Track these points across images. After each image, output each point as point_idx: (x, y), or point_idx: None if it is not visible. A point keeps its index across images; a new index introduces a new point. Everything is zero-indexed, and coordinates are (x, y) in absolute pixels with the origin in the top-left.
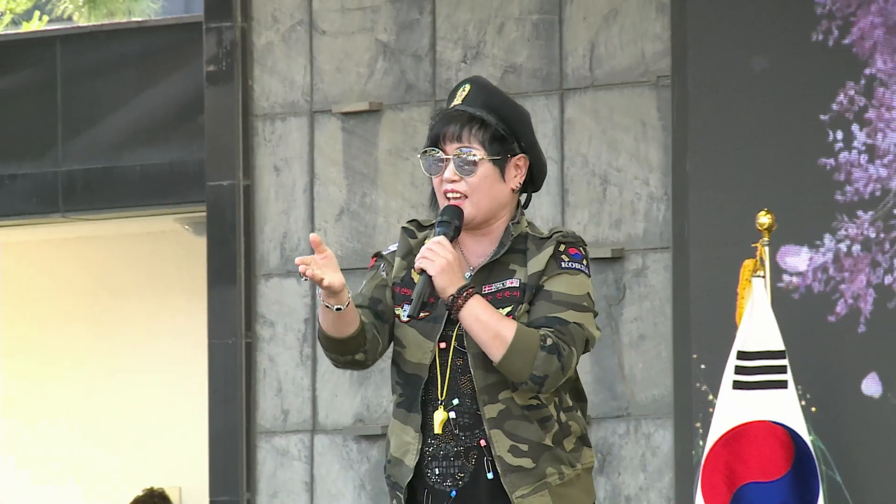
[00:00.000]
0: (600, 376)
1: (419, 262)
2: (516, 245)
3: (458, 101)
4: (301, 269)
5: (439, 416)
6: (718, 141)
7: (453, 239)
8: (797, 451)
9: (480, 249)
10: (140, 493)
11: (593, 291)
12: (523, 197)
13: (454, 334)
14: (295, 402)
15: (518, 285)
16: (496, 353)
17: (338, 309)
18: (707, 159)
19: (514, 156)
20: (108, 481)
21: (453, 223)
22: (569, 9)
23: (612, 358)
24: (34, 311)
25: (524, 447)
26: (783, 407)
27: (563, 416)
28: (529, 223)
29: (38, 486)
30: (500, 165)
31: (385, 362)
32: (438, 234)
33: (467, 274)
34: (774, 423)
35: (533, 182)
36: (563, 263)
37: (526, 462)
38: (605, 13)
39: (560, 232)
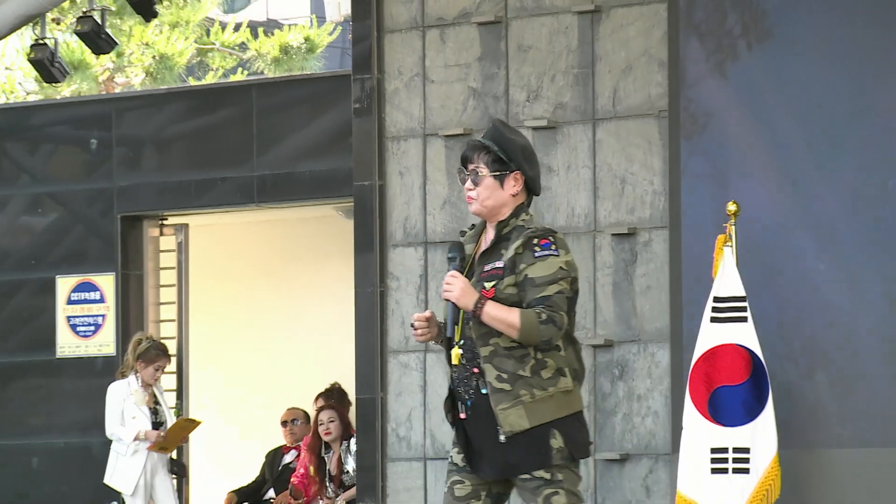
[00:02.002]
0: (619, 314)
1: (444, 294)
2: (508, 235)
3: (480, 136)
4: (414, 334)
5: (455, 352)
6: (700, 154)
7: (460, 268)
8: (754, 365)
9: (490, 235)
10: (327, 387)
11: (567, 262)
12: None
13: None
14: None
15: (502, 265)
16: (513, 335)
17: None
18: (692, 167)
19: (512, 172)
20: (294, 385)
21: (457, 257)
22: (599, 65)
23: (627, 302)
24: (234, 273)
25: (505, 375)
26: (744, 334)
27: (539, 355)
28: (525, 219)
29: (247, 395)
30: (500, 179)
31: None
32: (451, 269)
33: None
34: (738, 345)
35: (531, 190)
36: (535, 253)
37: (506, 386)
38: (623, 68)
39: (530, 228)
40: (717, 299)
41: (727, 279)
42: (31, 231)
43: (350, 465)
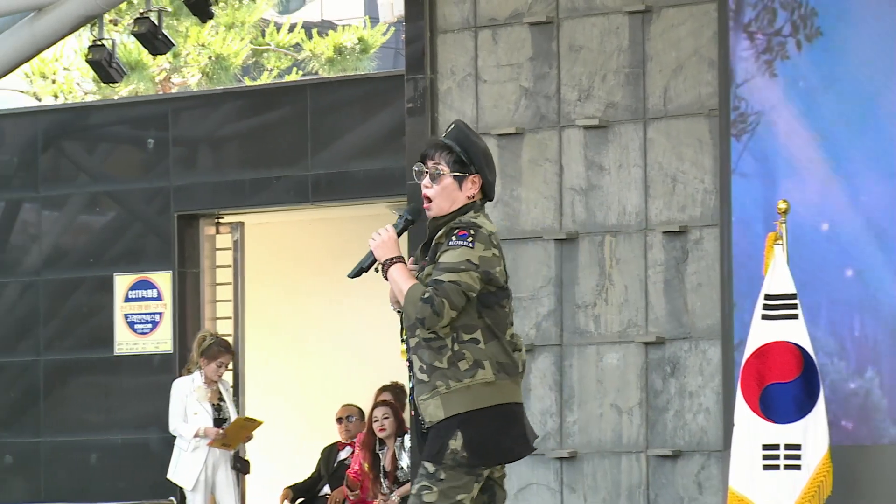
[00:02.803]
0: (671, 311)
1: (369, 239)
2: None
3: (442, 134)
4: None
5: (402, 348)
6: (750, 152)
7: (403, 229)
8: (805, 362)
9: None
10: (387, 384)
11: (480, 257)
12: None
13: None
14: None
15: (429, 257)
16: (401, 301)
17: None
18: (742, 165)
19: (471, 175)
20: (349, 382)
21: (405, 217)
22: (650, 65)
23: (679, 299)
24: (288, 271)
25: (424, 366)
26: (795, 331)
27: (457, 346)
28: (471, 216)
29: (303, 391)
30: (459, 180)
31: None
32: (394, 224)
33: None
34: (789, 342)
35: (486, 195)
36: (450, 241)
37: (425, 377)
38: (674, 67)
39: (456, 223)
40: (768, 297)
41: (778, 277)
42: (89, 230)
43: (404, 461)
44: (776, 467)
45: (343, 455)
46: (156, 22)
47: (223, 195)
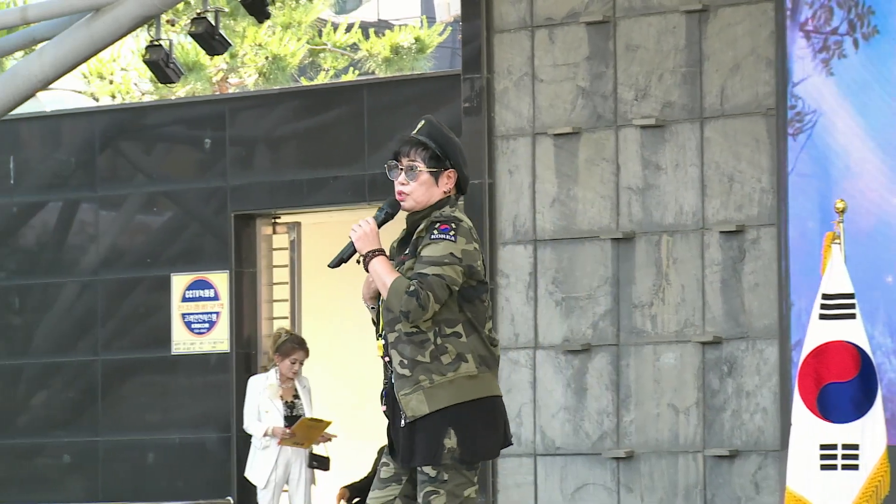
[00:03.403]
0: (728, 311)
1: (350, 231)
2: (420, 224)
3: (414, 131)
4: None
5: (378, 343)
6: (807, 152)
7: (383, 221)
8: (863, 362)
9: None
10: None
11: (463, 250)
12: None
13: None
14: (522, 328)
15: (408, 251)
16: (384, 294)
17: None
18: (799, 164)
19: (447, 170)
20: None
21: (385, 210)
22: (707, 64)
23: (736, 299)
24: (345, 271)
25: (406, 361)
26: (853, 331)
27: (439, 340)
28: (449, 211)
29: (358, 391)
30: (436, 176)
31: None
32: (375, 217)
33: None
34: (847, 342)
35: (461, 189)
36: (433, 235)
37: (406, 371)
38: (731, 66)
39: (437, 216)
40: (825, 296)
41: (835, 276)
42: (147, 230)
43: None
44: (833, 467)
45: None
46: (213, 22)
47: (280, 195)
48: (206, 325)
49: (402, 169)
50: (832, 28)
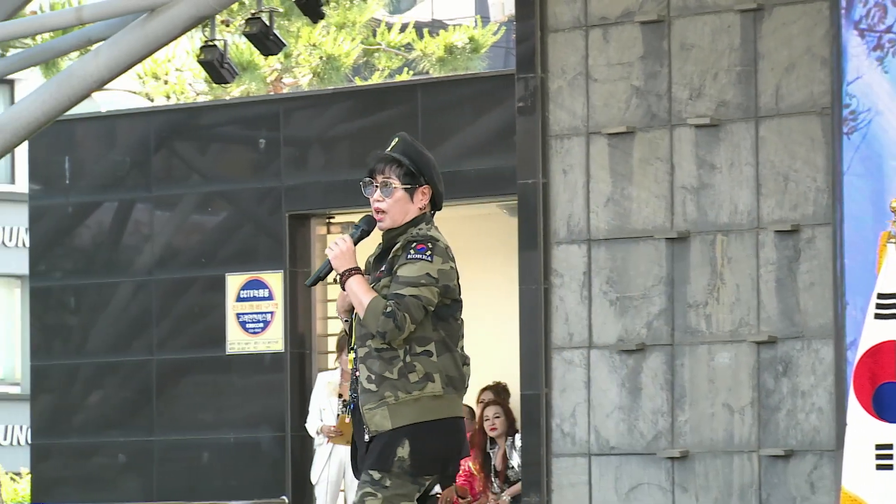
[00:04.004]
0: (783, 311)
1: (326, 249)
2: (397, 242)
3: (389, 149)
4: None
5: (350, 357)
6: (862, 150)
7: (359, 239)
8: None
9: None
10: (491, 384)
11: (439, 270)
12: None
13: None
14: (577, 328)
15: (384, 269)
16: (360, 313)
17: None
18: (854, 164)
19: (421, 186)
20: None
21: (360, 228)
22: (762, 63)
23: (791, 298)
24: None
25: (373, 377)
26: None
27: (409, 358)
28: (421, 229)
29: None
30: (411, 192)
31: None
32: (349, 233)
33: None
34: None
35: (435, 204)
36: (409, 255)
37: (372, 387)
38: (786, 65)
39: (413, 236)
40: (881, 296)
41: (891, 275)
42: (202, 229)
43: (515, 460)
44: (889, 467)
45: None
46: (267, 22)
47: (334, 195)
48: (261, 325)
49: (377, 186)
50: (886, 26)
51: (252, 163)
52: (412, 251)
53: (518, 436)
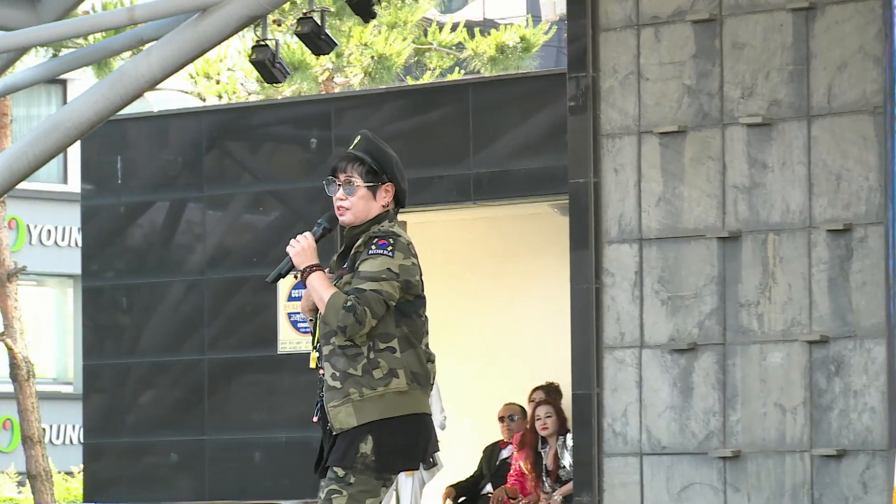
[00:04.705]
0: (835, 310)
1: (287, 246)
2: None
3: (351, 147)
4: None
5: (313, 355)
6: None
7: (321, 236)
8: None
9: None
10: (541, 384)
11: (400, 265)
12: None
13: None
14: (628, 327)
15: (346, 266)
16: (321, 309)
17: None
18: None
19: (384, 184)
20: (509, 381)
21: (323, 225)
22: (814, 62)
23: (843, 298)
24: (449, 270)
25: (338, 374)
26: None
27: (372, 355)
28: (385, 225)
29: (463, 391)
30: (373, 190)
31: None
32: (312, 231)
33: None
34: None
35: (399, 201)
36: (370, 251)
37: (337, 384)
38: (839, 64)
39: (375, 232)
40: None
41: None
42: (253, 229)
43: (566, 460)
44: None
45: (505, 454)
46: (319, 22)
47: None
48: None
49: (339, 185)
50: None
51: (303, 162)
52: (373, 247)
53: (570, 435)
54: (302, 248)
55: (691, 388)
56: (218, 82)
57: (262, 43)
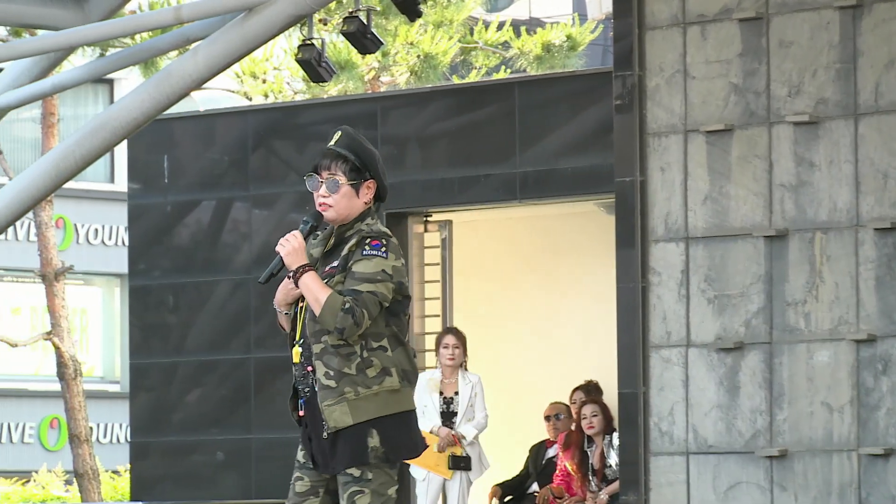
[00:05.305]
0: (882, 309)
1: (277, 246)
2: (349, 238)
3: (332, 142)
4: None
5: (296, 350)
6: None
7: (308, 234)
8: None
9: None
10: (582, 383)
11: (393, 266)
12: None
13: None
14: (674, 326)
15: (336, 265)
16: (316, 310)
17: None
18: None
19: (366, 181)
20: (555, 380)
21: (310, 223)
22: (861, 60)
23: (891, 296)
24: (495, 268)
25: (332, 373)
26: None
27: (365, 353)
28: (369, 223)
29: (509, 389)
30: (356, 188)
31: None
32: (299, 229)
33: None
34: None
35: (380, 197)
36: (364, 251)
37: (331, 383)
38: (885, 62)
39: (367, 232)
40: None
41: None
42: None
43: (613, 459)
44: None
45: (551, 453)
46: (365, 21)
47: (431, 193)
48: None
49: (321, 182)
50: None
51: None
52: (367, 247)
53: (615, 434)
54: (293, 247)
55: (738, 387)
56: (264, 81)
57: (309, 42)
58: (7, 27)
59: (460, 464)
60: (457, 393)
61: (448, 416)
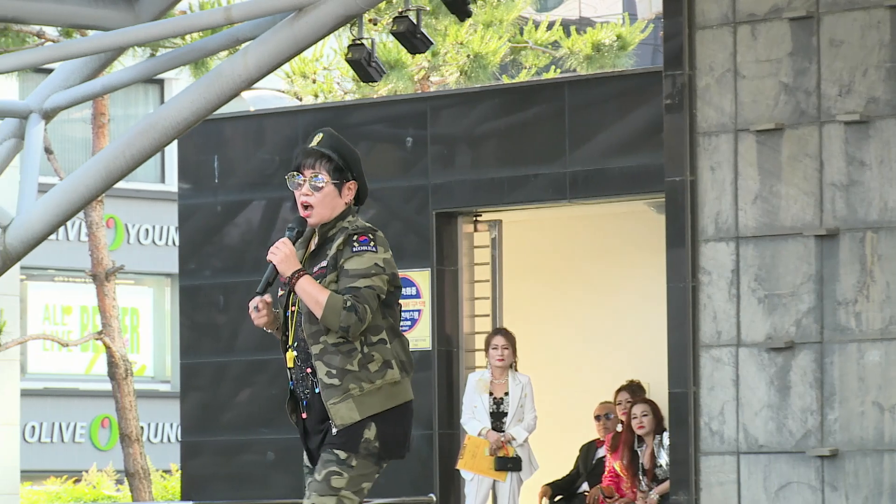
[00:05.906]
0: None
1: (269, 255)
2: (333, 237)
3: (313, 143)
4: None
5: (290, 355)
6: None
7: (295, 239)
8: None
9: (316, 238)
10: (624, 383)
11: (384, 259)
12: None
13: (297, 301)
14: (725, 326)
15: (325, 265)
16: (318, 313)
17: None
18: None
19: (348, 181)
20: (604, 379)
21: (296, 229)
22: None
23: None
24: (545, 268)
25: (334, 371)
26: None
27: (366, 349)
28: (350, 220)
29: (559, 388)
30: (339, 188)
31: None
32: (286, 236)
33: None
34: None
35: (359, 199)
36: (353, 248)
37: (335, 381)
38: None
39: (352, 229)
40: None
41: None
42: None
43: (663, 458)
44: None
45: (601, 452)
46: (415, 21)
47: (481, 193)
48: (409, 323)
49: (304, 181)
50: None
51: (399, 161)
52: (356, 244)
53: (666, 434)
54: (284, 254)
55: (788, 387)
56: (314, 81)
57: (358, 42)
58: (58, 28)
59: (508, 465)
60: (507, 394)
61: (498, 417)
